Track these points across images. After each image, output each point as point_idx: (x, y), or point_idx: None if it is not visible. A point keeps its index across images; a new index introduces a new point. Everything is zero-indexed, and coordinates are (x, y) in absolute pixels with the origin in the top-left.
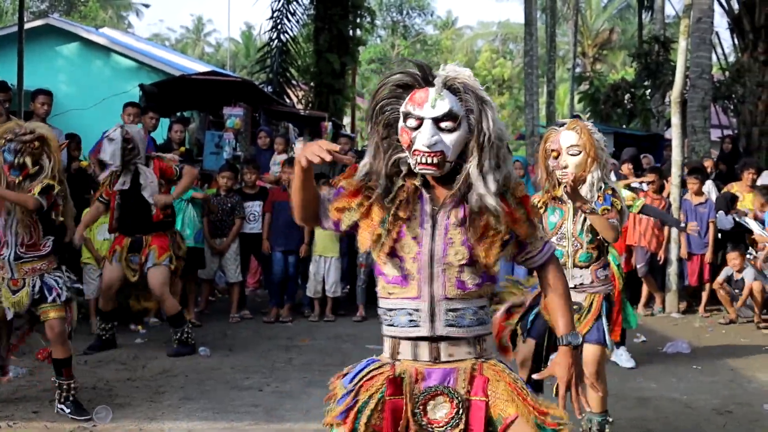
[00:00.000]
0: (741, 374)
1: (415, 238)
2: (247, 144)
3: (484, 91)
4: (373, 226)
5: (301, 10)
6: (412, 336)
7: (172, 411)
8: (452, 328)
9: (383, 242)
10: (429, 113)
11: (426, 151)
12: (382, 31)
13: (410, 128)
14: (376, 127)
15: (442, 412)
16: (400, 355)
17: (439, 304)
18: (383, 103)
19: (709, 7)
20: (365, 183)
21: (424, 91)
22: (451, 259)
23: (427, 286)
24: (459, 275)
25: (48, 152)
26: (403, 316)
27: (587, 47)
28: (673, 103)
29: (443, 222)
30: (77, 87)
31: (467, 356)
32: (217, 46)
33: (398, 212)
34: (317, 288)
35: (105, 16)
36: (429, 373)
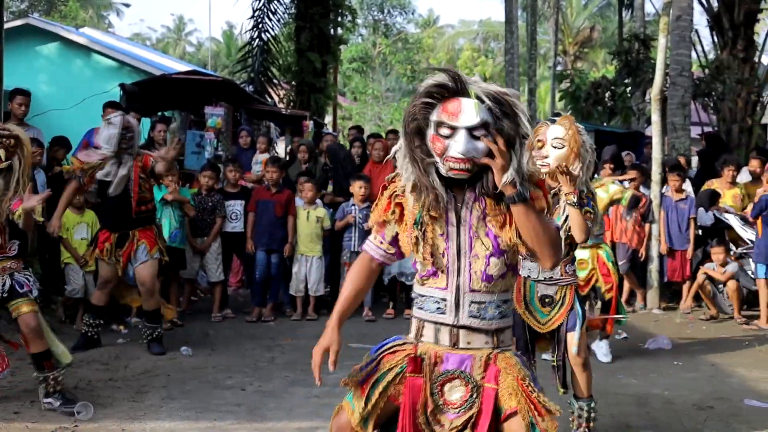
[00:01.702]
0: (721, 370)
1: (442, 234)
2: (228, 143)
3: (512, 93)
4: (409, 229)
5: (282, 9)
6: (438, 321)
7: (154, 411)
8: (474, 319)
9: (423, 245)
10: (464, 123)
11: (460, 158)
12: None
13: (443, 136)
14: (409, 137)
15: (458, 394)
16: (423, 338)
17: (464, 296)
18: (414, 113)
19: (688, 5)
20: (394, 192)
21: (456, 101)
22: (477, 250)
23: (454, 279)
24: (485, 267)
25: (20, 155)
26: (432, 303)
27: (568, 45)
28: (653, 101)
29: (467, 217)
30: (57, 87)
31: (484, 345)
32: (198, 45)
33: (430, 212)
34: (300, 287)
35: (85, 16)
36: (447, 357)
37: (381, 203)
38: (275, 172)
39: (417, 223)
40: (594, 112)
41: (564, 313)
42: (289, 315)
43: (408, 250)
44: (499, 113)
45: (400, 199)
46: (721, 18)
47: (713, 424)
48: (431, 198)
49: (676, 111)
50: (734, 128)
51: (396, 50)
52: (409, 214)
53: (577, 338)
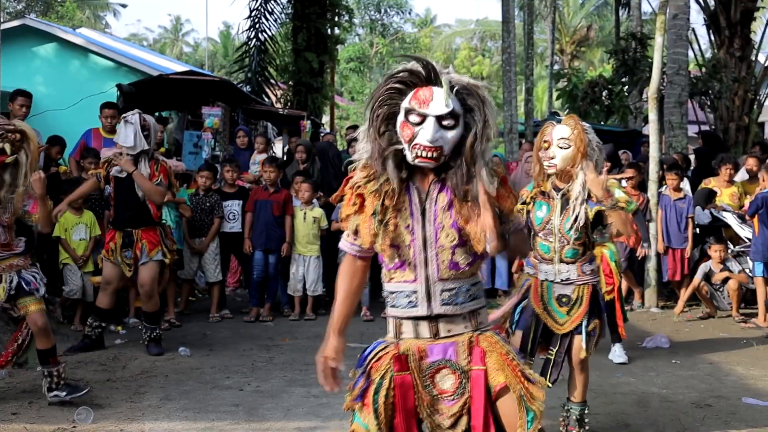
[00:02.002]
0: (719, 368)
1: (407, 227)
2: (225, 143)
3: (483, 85)
4: (369, 220)
5: (279, 9)
6: (412, 315)
7: (152, 411)
8: (448, 306)
9: (382, 236)
10: (434, 111)
11: (428, 146)
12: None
13: (412, 123)
14: (374, 120)
15: (449, 383)
16: (403, 335)
17: (434, 285)
18: (384, 96)
19: (685, 4)
20: (356, 184)
21: (427, 89)
22: (443, 241)
23: (422, 270)
24: (452, 257)
25: (27, 150)
26: (403, 298)
27: (565, 44)
28: (650, 100)
29: (431, 208)
30: (55, 87)
31: (464, 330)
32: (196, 45)
33: (384, 200)
34: (297, 287)
35: (82, 17)
36: (431, 349)
37: (345, 198)
38: (273, 172)
39: (375, 213)
40: (591, 111)
41: (582, 314)
42: (287, 315)
43: (368, 240)
44: (469, 105)
45: (360, 190)
46: (718, 16)
47: (711, 422)
48: (385, 188)
49: (673, 110)
50: (731, 126)
51: (393, 50)
52: (369, 204)
53: (584, 340)
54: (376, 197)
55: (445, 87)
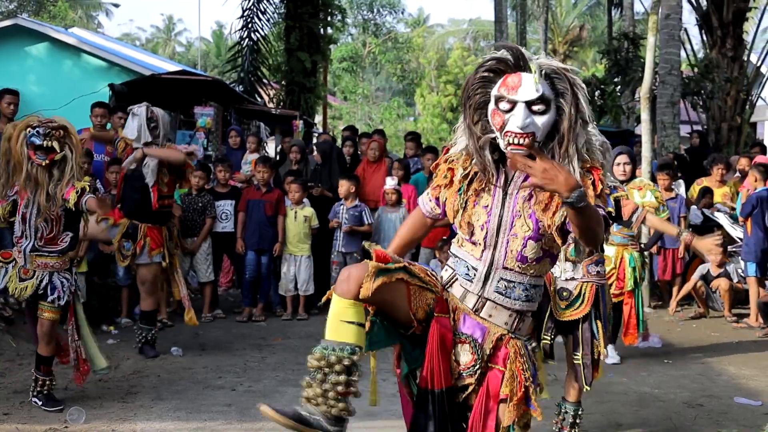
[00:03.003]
0: (711, 368)
1: (486, 207)
2: (218, 143)
3: (573, 69)
4: (454, 195)
5: (271, 9)
6: (463, 287)
7: (144, 411)
8: (499, 295)
9: (462, 214)
10: (523, 97)
11: (519, 132)
12: (353, 30)
13: (503, 111)
14: (468, 111)
15: (465, 358)
16: (452, 289)
17: (495, 271)
18: (475, 86)
19: (677, 4)
20: (449, 158)
21: (516, 75)
22: (517, 230)
23: (489, 252)
24: (522, 248)
25: (71, 144)
26: (463, 267)
27: (558, 44)
28: (643, 100)
29: (513, 195)
30: (47, 87)
31: (503, 325)
32: (188, 45)
33: (473, 184)
34: (289, 286)
35: (74, 16)
36: (465, 318)
37: (439, 169)
38: (265, 171)
39: (460, 191)
40: None
41: (584, 310)
42: (279, 315)
43: (451, 215)
44: (559, 89)
45: (452, 165)
46: (710, 17)
47: (703, 422)
48: (480, 170)
49: (665, 110)
50: (723, 126)
51: (386, 50)
52: (457, 181)
53: None
54: (464, 178)
55: (534, 72)
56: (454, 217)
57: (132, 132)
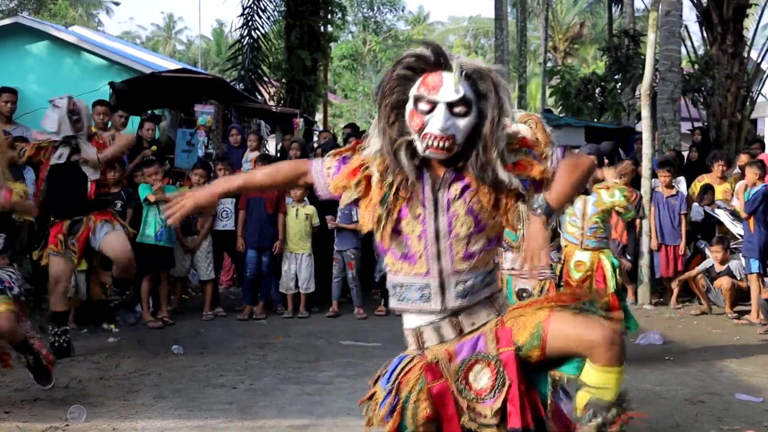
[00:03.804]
0: (712, 364)
1: (417, 217)
2: (218, 141)
3: (496, 69)
4: (373, 206)
5: (271, 7)
6: (425, 309)
7: (145, 410)
8: (462, 299)
9: (385, 223)
10: (444, 97)
11: (439, 135)
12: (354, 27)
13: (422, 112)
14: (383, 110)
15: (484, 379)
16: (427, 343)
17: (448, 278)
18: (392, 84)
19: (677, 1)
20: (363, 163)
21: (437, 75)
22: (458, 230)
23: (435, 263)
24: (467, 247)
25: None
26: (414, 291)
27: (558, 41)
28: (643, 96)
29: (444, 198)
30: (47, 86)
31: (488, 318)
32: (189, 43)
33: (399, 192)
34: (290, 284)
35: (75, 15)
36: (460, 348)
37: (349, 166)
38: None
39: (383, 202)
40: (584, 108)
41: None
42: (280, 313)
43: (367, 226)
44: (482, 90)
45: (368, 173)
46: (710, 13)
47: (704, 418)
48: (399, 179)
49: (665, 106)
50: (724, 123)
51: (386, 47)
52: (376, 190)
53: None
54: (387, 187)
55: (455, 71)
56: (373, 229)
57: (52, 124)
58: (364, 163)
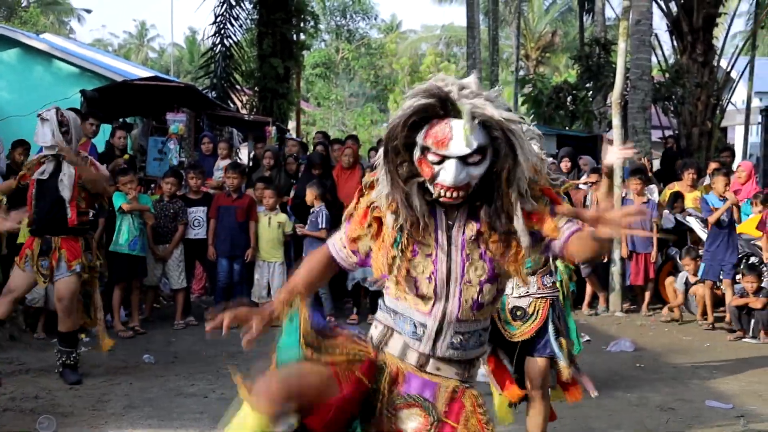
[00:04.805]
0: (683, 371)
1: (429, 255)
2: (190, 150)
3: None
4: (386, 248)
5: (244, 15)
6: (409, 346)
7: (115, 419)
8: (455, 351)
9: (399, 265)
10: (455, 152)
11: (452, 187)
12: (326, 35)
13: (431, 162)
14: (390, 154)
15: (413, 424)
16: (388, 347)
17: (448, 325)
18: (398, 131)
19: (647, 9)
20: (371, 204)
21: (445, 125)
22: (470, 276)
23: (440, 305)
24: (478, 295)
25: None
26: (407, 324)
27: (530, 50)
28: (614, 105)
29: (459, 237)
30: (18, 93)
31: (454, 376)
32: (161, 51)
33: (412, 232)
34: (262, 293)
35: (46, 22)
36: (409, 378)
37: (357, 213)
38: (236, 177)
39: (397, 243)
40: (556, 116)
41: (536, 326)
42: None
43: (380, 271)
44: (495, 136)
45: (378, 213)
46: (681, 22)
47: (675, 425)
48: (412, 221)
49: (636, 115)
50: (694, 131)
51: (359, 55)
52: (388, 231)
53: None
54: (398, 229)
55: (466, 122)
56: (388, 272)
57: (45, 138)
58: (372, 204)
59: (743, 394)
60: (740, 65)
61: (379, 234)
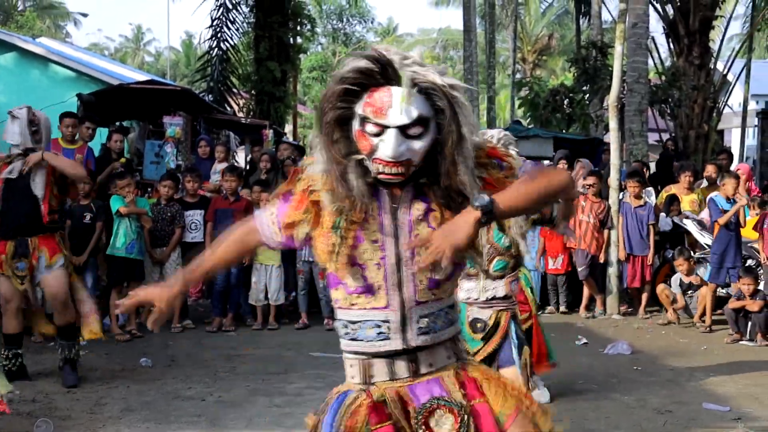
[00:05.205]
0: (680, 374)
1: (375, 241)
2: (187, 153)
3: (454, 85)
4: (326, 234)
5: (240, 19)
6: (383, 351)
7: (113, 422)
8: (426, 336)
9: (339, 251)
10: (394, 121)
11: (391, 161)
12: (323, 39)
13: (370, 134)
14: (325, 128)
15: (447, 425)
16: (375, 378)
17: (410, 311)
18: (333, 100)
19: (644, 12)
20: (309, 186)
21: (385, 92)
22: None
23: (396, 294)
24: (432, 273)
25: None
26: (370, 329)
27: (527, 53)
28: (611, 108)
29: (405, 219)
30: (14, 97)
31: (448, 361)
32: (157, 55)
33: (351, 216)
34: (259, 296)
35: (42, 26)
36: (413, 390)
37: (294, 197)
38: (233, 181)
39: (336, 228)
40: (552, 119)
41: (497, 340)
42: (249, 324)
43: (322, 259)
44: (439, 107)
45: (316, 196)
46: (677, 25)
47: (672, 428)
48: (350, 202)
49: (633, 117)
50: (691, 134)
51: None
52: (327, 215)
53: (516, 373)
54: (337, 212)
55: (405, 89)
56: (329, 259)
57: (13, 136)
58: (309, 186)
59: (740, 397)
60: (737, 68)
61: (317, 220)
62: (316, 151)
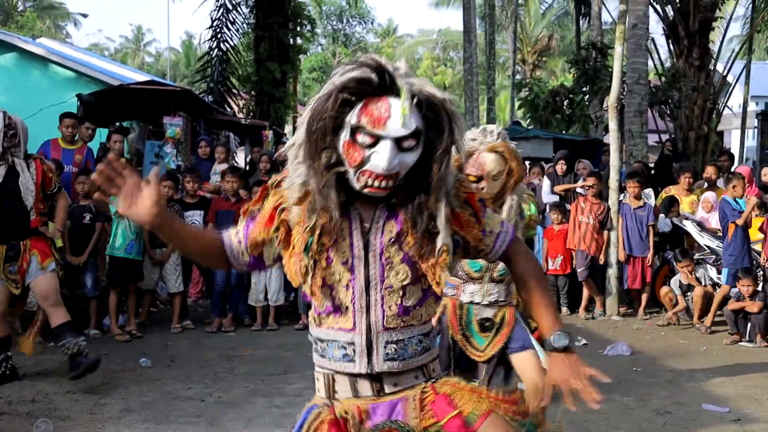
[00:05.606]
0: (680, 375)
1: (345, 263)
2: (187, 154)
3: (451, 99)
4: (297, 255)
5: (240, 19)
6: (347, 372)
7: (113, 423)
8: (393, 362)
9: (313, 274)
10: (393, 132)
11: (383, 174)
12: (323, 40)
13: (362, 145)
14: (312, 138)
15: None
16: (338, 393)
17: (377, 336)
18: (327, 110)
19: (644, 14)
20: (279, 203)
21: (383, 102)
22: (392, 281)
23: (363, 317)
24: (401, 300)
25: None
26: (336, 349)
27: (527, 54)
28: (611, 109)
29: (377, 241)
30: (15, 97)
31: (415, 381)
32: (157, 55)
33: (322, 239)
34: (259, 297)
35: (42, 26)
36: (374, 409)
37: (262, 214)
38: (234, 181)
39: (307, 250)
40: (552, 120)
41: (505, 334)
42: (249, 325)
43: (295, 281)
44: (432, 120)
45: (286, 216)
46: (677, 26)
47: (672, 429)
48: (323, 220)
49: (633, 119)
50: (691, 135)
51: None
52: (298, 236)
53: (537, 356)
54: (309, 232)
55: (404, 99)
56: (301, 282)
57: None
58: (280, 203)
59: (740, 398)
60: (736, 69)
61: (288, 240)
62: (292, 163)
